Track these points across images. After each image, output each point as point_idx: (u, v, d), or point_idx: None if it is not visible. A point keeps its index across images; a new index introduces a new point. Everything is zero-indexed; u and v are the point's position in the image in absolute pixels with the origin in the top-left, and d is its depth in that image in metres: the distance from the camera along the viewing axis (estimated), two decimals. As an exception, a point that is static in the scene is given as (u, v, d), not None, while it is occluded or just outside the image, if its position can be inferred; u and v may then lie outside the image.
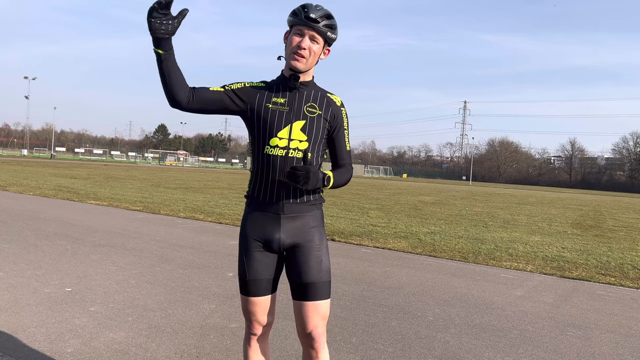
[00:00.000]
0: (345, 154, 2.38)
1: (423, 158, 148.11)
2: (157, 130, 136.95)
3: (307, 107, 2.27)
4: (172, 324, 3.98)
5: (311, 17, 2.16)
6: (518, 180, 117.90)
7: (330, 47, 2.30)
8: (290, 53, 2.21)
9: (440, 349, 3.76)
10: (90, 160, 77.51)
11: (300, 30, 2.19)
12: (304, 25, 2.17)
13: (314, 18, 2.16)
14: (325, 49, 2.27)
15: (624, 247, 9.98)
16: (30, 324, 3.82)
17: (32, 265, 5.71)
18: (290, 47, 2.21)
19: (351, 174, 2.42)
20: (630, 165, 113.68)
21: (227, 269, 6.09)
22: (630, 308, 5.31)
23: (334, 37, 2.25)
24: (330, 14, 2.22)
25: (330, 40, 2.26)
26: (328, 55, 2.31)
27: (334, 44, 2.31)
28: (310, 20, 2.16)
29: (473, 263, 7.40)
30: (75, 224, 9.08)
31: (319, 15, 2.18)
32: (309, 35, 2.19)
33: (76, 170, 32.99)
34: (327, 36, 2.22)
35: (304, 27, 2.18)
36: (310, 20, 2.16)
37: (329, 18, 2.21)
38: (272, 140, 2.22)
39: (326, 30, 2.20)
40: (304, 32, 2.19)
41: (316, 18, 2.17)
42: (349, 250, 7.94)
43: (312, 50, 2.20)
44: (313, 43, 2.20)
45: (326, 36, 2.22)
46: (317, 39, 2.21)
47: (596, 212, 22.15)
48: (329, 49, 2.30)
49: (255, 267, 2.27)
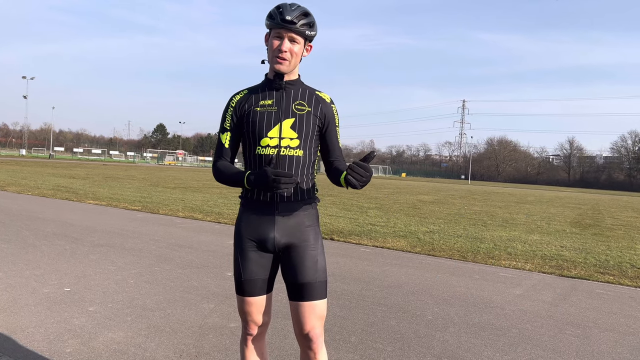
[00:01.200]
0: (338, 149, 2.39)
1: (422, 157, 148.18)
2: (156, 129, 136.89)
3: (295, 105, 2.26)
4: (171, 324, 3.98)
5: (287, 20, 2.14)
6: (517, 179, 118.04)
7: (312, 42, 2.28)
8: (272, 57, 2.22)
9: (439, 348, 3.76)
10: (89, 160, 77.43)
11: (278, 33, 2.18)
12: (281, 28, 2.16)
13: (290, 20, 2.14)
14: (307, 46, 2.26)
15: (623, 245, 9.99)
16: (29, 324, 3.82)
17: (30, 265, 5.71)
18: (272, 50, 2.21)
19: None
20: (629, 164, 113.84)
21: (226, 268, 6.09)
22: (628, 306, 5.32)
23: (314, 34, 2.24)
24: (306, 11, 2.20)
25: (310, 38, 2.25)
26: (311, 51, 2.30)
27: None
28: (287, 23, 2.14)
29: (472, 262, 7.41)
30: (74, 223, 9.07)
31: (295, 15, 2.15)
32: (288, 37, 2.18)
33: (75, 170, 32.95)
34: (305, 35, 2.20)
35: (282, 30, 2.17)
36: (287, 23, 2.14)
37: (306, 15, 2.19)
38: (263, 141, 2.23)
39: (304, 30, 2.18)
40: (282, 34, 2.18)
41: (292, 19, 2.14)
42: (348, 249, 7.94)
43: (294, 52, 2.20)
44: (293, 44, 2.20)
45: (305, 35, 2.20)
46: (297, 39, 2.19)
47: (595, 210, 22.18)
48: (310, 45, 2.28)
49: (250, 267, 2.26)
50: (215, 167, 2.32)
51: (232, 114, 2.30)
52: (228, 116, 2.31)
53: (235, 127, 2.30)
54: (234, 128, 2.31)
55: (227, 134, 2.32)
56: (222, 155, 2.33)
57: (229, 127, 2.31)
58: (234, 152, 2.36)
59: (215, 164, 2.33)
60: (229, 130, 2.31)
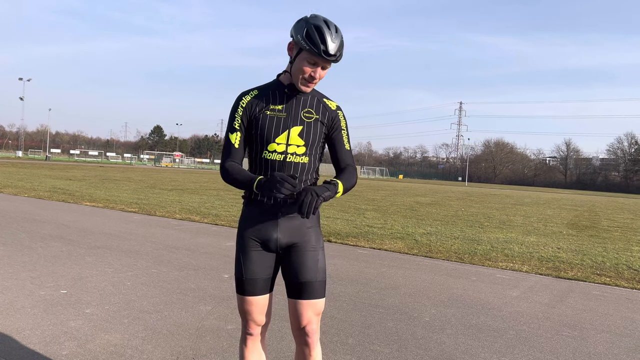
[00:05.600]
0: (346, 153, 2.37)
1: (419, 159, 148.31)
2: (153, 131, 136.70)
3: (303, 112, 2.27)
4: (168, 326, 3.97)
5: (330, 54, 2.09)
6: (513, 180, 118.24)
7: None
8: (300, 78, 2.18)
9: (437, 350, 3.77)
10: (86, 162, 77.23)
11: (315, 61, 2.13)
12: (321, 58, 2.11)
13: (332, 54, 2.10)
14: None
15: (619, 247, 10.02)
16: (25, 326, 3.80)
17: (27, 267, 5.69)
18: (301, 72, 2.16)
19: (355, 175, 2.37)
20: (625, 165, 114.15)
21: (223, 270, 6.08)
22: (625, 308, 5.33)
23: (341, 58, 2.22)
24: (343, 40, 2.15)
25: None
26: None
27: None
28: (329, 56, 2.10)
29: (469, 264, 7.42)
30: (70, 225, 9.05)
31: (336, 49, 2.10)
32: (322, 66, 2.16)
33: (71, 172, 32.87)
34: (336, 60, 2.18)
35: (320, 60, 2.11)
36: (329, 56, 2.10)
37: (342, 45, 2.15)
38: (270, 146, 2.23)
39: (339, 59, 2.16)
40: (319, 63, 2.14)
41: (335, 54, 2.10)
42: (345, 251, 7.94)
43: (322, 76, 2.19)
44: (323, 70, 2.18)
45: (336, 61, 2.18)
46: (327, 66, 2.18)
47: (591, 212, 22.24)
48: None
49: (252, 267, 2.27)
50: (223, 168, 2.27)
51: (242, 115, 2.27)
52: (238, 116, 2.27)
53: (245, 128, 2.28)
54: (244, 129, 2.28)
55: (237, 134, 2.28)
56: (231, 155, 2.28)
57: (238, 128, 2.27)
58: (243, 153, 2.32)
59: (224, 165, 2.28)
60: (239, 131, 2.27)
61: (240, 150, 2.30)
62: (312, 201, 2.02)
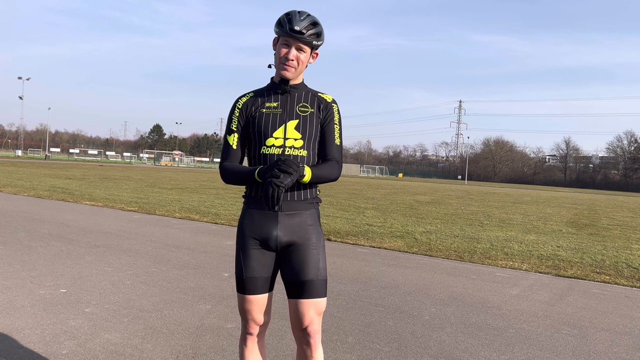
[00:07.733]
0: (334, 148, 2.37)
1: (419, 157, 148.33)
2: (152, 130, 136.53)
3: (299, 107, 2.33)
4: (168, 325, 3.97)
5: (295, 30, 2.19)
6: (513, 179, 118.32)
7: (318, 49, 2.34)
8: (279, 63, 2.27)
9: (436, 348, 3.77)
10: (85, 161, 77.19)
11: (286, 41, 2.23)
12: (290, 37, 2.21)
13: (298, 30, 2.19)
14: (313, 54, 2.32)
15: (619, 245, 10.02)
16: (25, 325, 3.80)
17: (26, 266, 5.69)
18: (279, 57, 2.26)
19: (336, 170, 2.34)
20: (625, 164, 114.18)
21: (223, 269, 6.08)
22: (624, 306, 5.33)
23: (320, 43, 2.30)
24: (314, 21, 2.24)
25: (317, 47, 2.30)
26: (317, 58, 2.36)
27: (326, 45, 2.34)
28: (295, 33, 2.19)
29: (469, 262, 7.42)
30: (70, 224, 9.04)
31: (303, 26, 2.20)
32: (295, 46, 2.24)
33: (71, 171, 32.86)
34: (312, 44, 2.26)
35: (290, 39, 2.22)
36: (295, 33, 2.19)
37: (314, 25, 2.24)
38: (268, 141, 2.27)
39: (312, 40, 2.24)
40: (290, 43, 2.23)
41: (301, 30, 2.19)
42: (345, 249, 7.94)
43: (300, 60, 2.26)
44: (300, 52, 2.26)
45: (312, 45, 2.26)
46: (304, 48, 2.25)
47: (591, 210, 22.25)
48: (317, 53, 2.35)
49: (252, 265, 2.28)
50: (223, 168, 2.33)
51: (238, 116, 2.35)
52: (234, 118, 2.35)
53: (242, 128, 2.34)
54: (241, 129, 2.35)
55: (234, 135, 2.35)
56: (229, 156, 2.34)
57: (235, 129, 2.35)
58: (242, 154, 2.37)
59: (223, 165, 2.34)
60: (236, 132, 2.35)
61: (238, 151, 2.35)
62: (273, 193, 2.06)
